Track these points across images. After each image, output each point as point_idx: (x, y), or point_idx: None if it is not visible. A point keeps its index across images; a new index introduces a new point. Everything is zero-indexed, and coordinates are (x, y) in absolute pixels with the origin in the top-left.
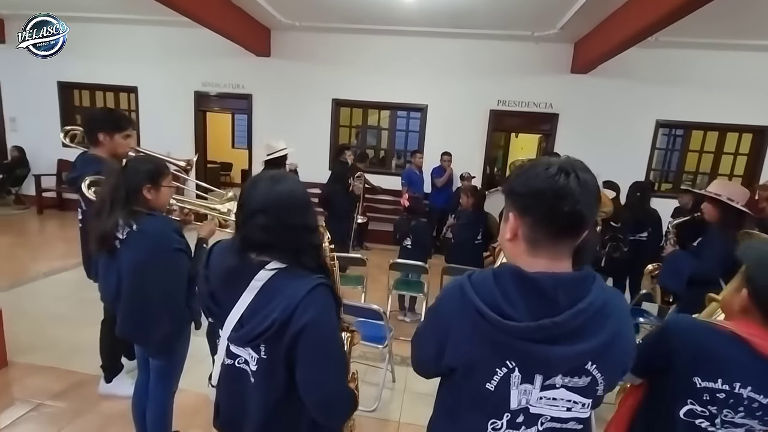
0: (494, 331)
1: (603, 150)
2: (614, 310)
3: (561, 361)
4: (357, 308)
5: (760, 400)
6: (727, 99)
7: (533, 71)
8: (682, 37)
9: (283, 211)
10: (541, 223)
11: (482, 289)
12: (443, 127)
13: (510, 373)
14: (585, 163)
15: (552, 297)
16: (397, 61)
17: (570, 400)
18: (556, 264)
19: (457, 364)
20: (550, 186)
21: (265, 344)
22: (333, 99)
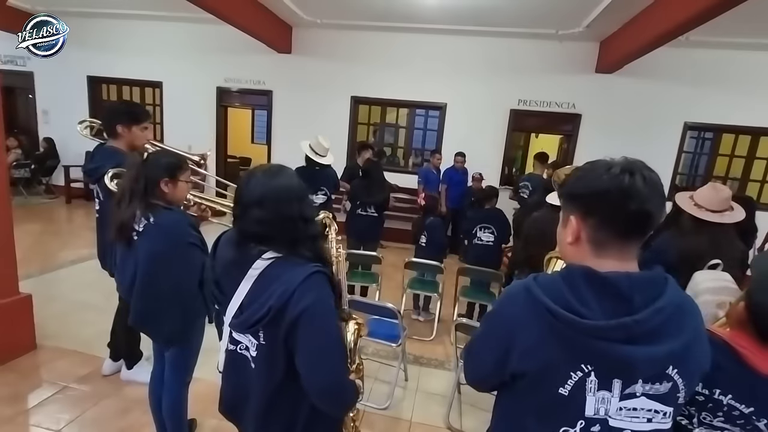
0: (569, 331)
1: (627, 152)
2: (690, 311)
3: (642, 362)
4: (371, 306)
5: (741, 409)
6: (761, 101)
7: (556, 70)
8: (714, 37)
9: (279, 203)
10: (607, 224)
11: (551, 290)
12: (462, 126)
13: (586, 377)
14: None
15: (627, 296)
16: (417, 59)
17: (651, 410)
18: (624, 264)
19: (526, 370)
20: (616, 185)
21: (263, 330)
22: (352, 96)
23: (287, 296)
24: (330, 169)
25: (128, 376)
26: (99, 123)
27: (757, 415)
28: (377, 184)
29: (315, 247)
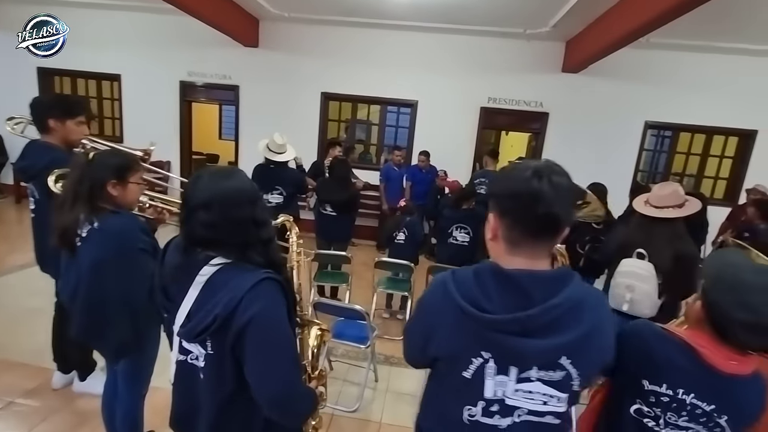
0: (471, 323)
1: (592, 150)
2: (591, 307)
3: (533, 353)
4: (339, 308)
5: (703, 407)
6: (715, 102)
7: (524, 69)
8: (672, 39)
9: (228, 206)
10: (519, 224)
11: (463, 285)
12: (433, 123)
13: (485, 363)
14: (570, 163)
15: (527, 292)
16: (388, 56)
17: (546, 394)
18: (534, 263)
19: (440, 355)
20: (525, 189)
21: (211, 339)
22: (322, 92)
23: (234, 304)
24: (288, 168)
25: (81, 388)
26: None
27: (719, 412)
28: (339, 182)
29: (267, 252)
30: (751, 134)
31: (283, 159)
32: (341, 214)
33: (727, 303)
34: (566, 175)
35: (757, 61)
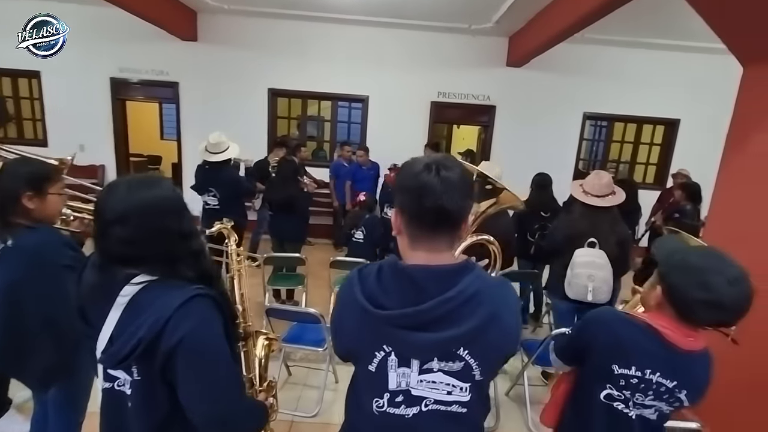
0: (371, 318)
1: (537, 141)
2: (489, 298)
3: (430, 345)
4: (293, 312)
5: (666, 384)
6: (644, 93)
7: (471, 64)
8: (605, 35)
9: (148, 218)
10: (413, 219)
11: (366, 281)
12: (385, 118)
13: (387, 356)
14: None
15: (422, 287)
16: (337, 51)
17: (449, 384)
18: (435, 256)
19: (348, 349)
20: (414, 183)
21: (136, 365)
22: (269, 89)
23: (160, 326)
24: (223, 168)
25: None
26: None
27: (679, 387)
28: (284, 182)
29: (198, 265)
30: (674, 123)
31: (218, 159)
32: (288, 215)
33: (686, 285)
34: (457, 169)
35: (679, 56)
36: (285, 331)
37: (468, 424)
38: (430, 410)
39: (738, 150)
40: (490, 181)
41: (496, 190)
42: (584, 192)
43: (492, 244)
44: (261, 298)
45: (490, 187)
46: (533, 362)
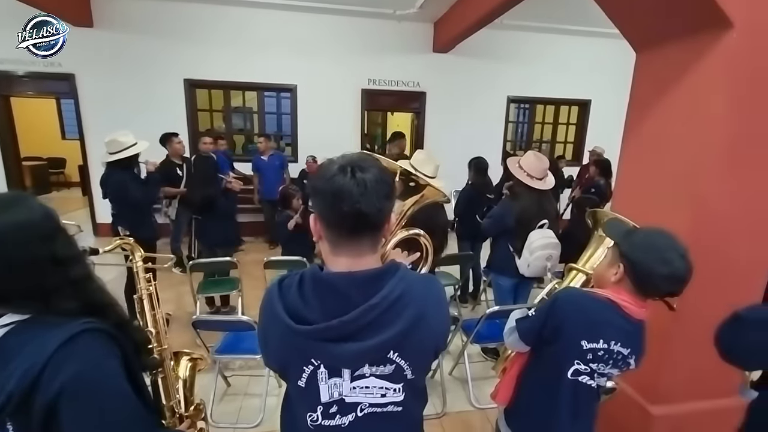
0: (295, 335)
1: (467, 125)
2: (415, 299)
3: (357, 355)
4: (224, 322)
5: (623, 352)
6: (559, 77)
7: (399, 50)
8: (522, 21)
9: (5, 248)
10: (332, 224)
11: (288, 294)
12: (316, 107)
13: (316, 369)
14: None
15: (346, 296)
16: (259, 38)
17: (382, 387)
18: (358, 261)
19: (274, 364)
20: (329, 187)
21: (11, 422)
22: (185, 79)
23: (34, 375)
24: (111, 171)
25: None
26: None
27: (632, 353)
28: (203, 181)
29: (82, 295)
30: (586, 104)
31: (110, 159)
32: (215, 217)
33: (649, 261)
34: (374, 169)
35: (589, 41)
36: (218, 342)
37: (405, 421)
38: (366, 414)
39: (635, 128)
40: (413, 177)
41: (420, 186)
42: (529, 176)
43: (423, 238)
44: (192, 307)
45: (413, 184)
46: (472, 341)
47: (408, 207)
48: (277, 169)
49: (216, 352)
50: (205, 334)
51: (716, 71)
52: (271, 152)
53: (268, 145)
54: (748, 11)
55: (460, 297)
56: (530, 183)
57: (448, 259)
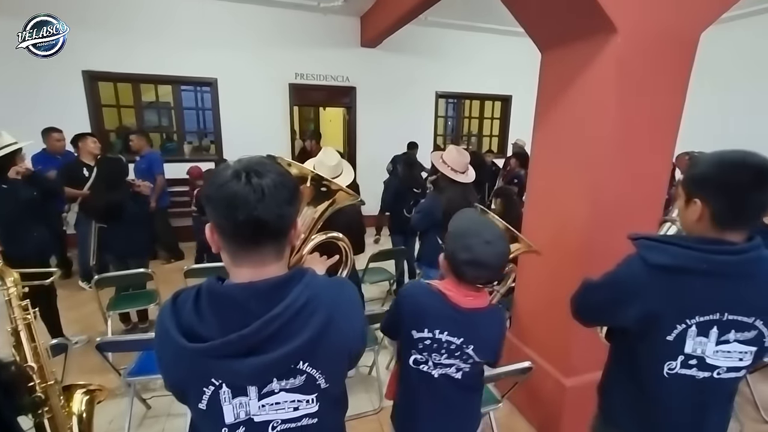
0: (190, 355)
1: (398, 120)
2: (323, 304)
3: (263, 369)
4: (136, 342)
5: (455, 342)
6: (484, 73)
7: (327, 44)
8: (446, 18)
9: None
10: (229, 234)
11: (182, 310)
12: (240, 102)
13: (218, 389)
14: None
15: (245, 308)
16: (170, 27)
17: (294, 401)
18: (261, 271)
19: (172, 389)
20: (222, 194)
21: None
22: (84, 71)
23: None
24: None
25: None
26: None
27: (466, 343)
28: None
29: None
30: (508, 99)
31: None
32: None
33: (455, 248)
34: (273, 174)
35: (509, 39)
36: (131, 363)
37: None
38: (280, 430)
39: (542, 123)
40: (325, 183)
41: (331, 192)
42: (452, 170)
43: (341, 241)
44: (103, 326)
45: (325, 189)
46: None
47: (320, 213)
48: (143, 173)
49: (128, 375)
50: (121, 355)
51: (606, 71)
52: (145, 152)
53: (141, 143)
54: (629, 18)
55: (396, 291)
56: (454, 177)
57: (382, 254)
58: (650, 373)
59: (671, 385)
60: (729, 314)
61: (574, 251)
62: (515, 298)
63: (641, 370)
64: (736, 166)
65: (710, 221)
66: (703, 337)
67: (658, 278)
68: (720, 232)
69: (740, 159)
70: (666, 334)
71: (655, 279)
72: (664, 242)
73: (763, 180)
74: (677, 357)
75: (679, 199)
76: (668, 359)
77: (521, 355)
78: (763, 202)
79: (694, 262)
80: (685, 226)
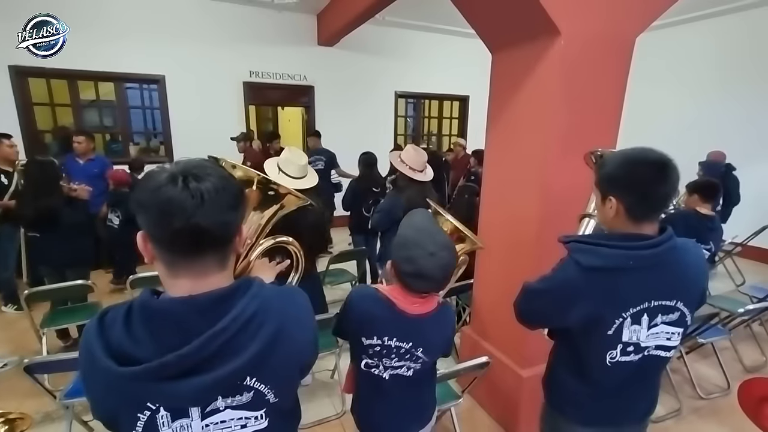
0: (121, 380)
1: (358, 120)
2: (271, 315)
3: (205, 389)
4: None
5: (404, 346)
6: (442, 73)
7: (282, 42)
8: (403, 19)
9: None
10: (163, 244)
11: (111, 330)
12: (191, 101)
13: (155, 414)
14: (340, 133)
15: (185, 325)
16: (112, 19)
17: (241, 418)
18: (202, 282)
19: (101, 417)
20: (156, 199)
21: None
22: (11, 66)
23: None
24: None
25: None
26: None
27: (415, 347)
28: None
29: None
30: (465, 99)
31: None
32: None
33: (399, 259)
34: (213, 178)
35: (465, 40)
36: (68, 384)
37: None
38: None
39: (495, 122)
40: (272, 186)
41: (279, 195)
42: (411, 169)
43: (291, 245)
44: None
45: (272, 193)
46: None
47: (267, 219)
48: (95, 178)
49: (65, 396)
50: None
51: (551, 72)
52: (92, 156)
53: (88, 146)
54: (571, 22)
55: None
56: (412, 175)
57: (344, 255)
58: (593, 364)
59: (613, 371)
60: (654, 300)
61: (527, 245)
62: (474, 294)
63: (584, 361)
64: (638, 163)
65: (625, 216)
66: (637, 325)
67: (593, 280)
68: (636, 226)
69: (641, 156)
70: (607, 330)
71: (590, 281)
72: (593, 244)
73: (663, 174)
74: (617, 346)
75: (595, 197)
76: (609, 349)
77: (480, 349)
78: (666, 193)
79: (622, 260)
80: (604, 222)
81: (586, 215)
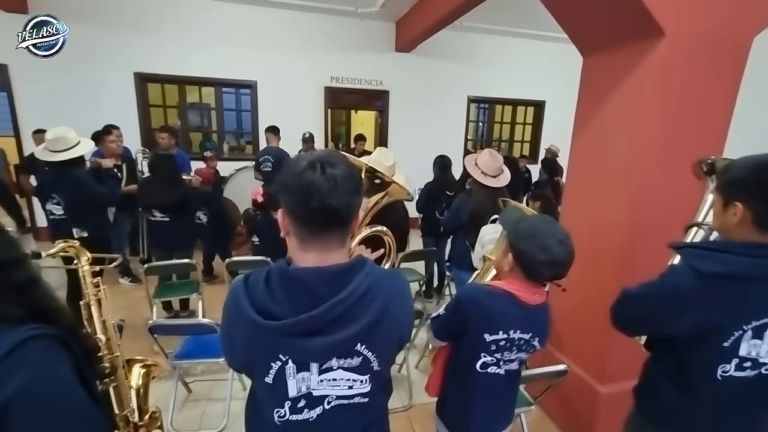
0: (263, 332)
1: (430, 124)
2: (381, 293)
3: (326, 349)
4: (184, 326)
5: (525, 338)
6: (516, 78)
7: (362, 48)
8: (480, 24)
9: None
10: (301, 220)
11: (254, 291)
12: (277, 104)
13: (284, 365)
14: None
15: (315, 291)
16: (216, 32)
17: (349, 379)
18: (327, 257)
19: (239, 364)
20: (299, 182)
21: None
22: (135, 73)
23: None
24: (69, 170)
25: None
26: None
27: (533, 336)
28: (165, 181)
29: (28, 300)
30: (541, 104)
31: (60, 158)
32: (175, 217)
33: (531, 249)
34: (343, 165)
35: (543, 44)
36: (177, 347)
37: (371, 411)
38: (333, 407)
39: (582, 129)
40: (378, 175)
41: (385, 184)
42: (483, 173)
43: (386, 235)
44: (147, 313)
45: (378, 181)
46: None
47: (373, 204)
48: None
49: (175, 358)
50: (164, 340)
51: (651, 77)
52: (174, 150)
53: (170, 141)
54: (678, 22)
55: (425, 292)
56: (483, 180)
57: (413, 255)
58: (701, 376)
59: (724, 387)
60: None
61: (611, 253)
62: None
63: (691, 373)
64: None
65: (751, 224)
66: (758, 340)
67: (712, 287)
68: (761, 235)
69: None
70: (722, 341)
71: (708, 288)
72: (714, 250)
73: None
74: (731, 360)
75: (715, 204)
76: (722, 362)
77: (553, 359)
78: None
79: (749, 268)
80: (724, 229)
81: (694, 224)
